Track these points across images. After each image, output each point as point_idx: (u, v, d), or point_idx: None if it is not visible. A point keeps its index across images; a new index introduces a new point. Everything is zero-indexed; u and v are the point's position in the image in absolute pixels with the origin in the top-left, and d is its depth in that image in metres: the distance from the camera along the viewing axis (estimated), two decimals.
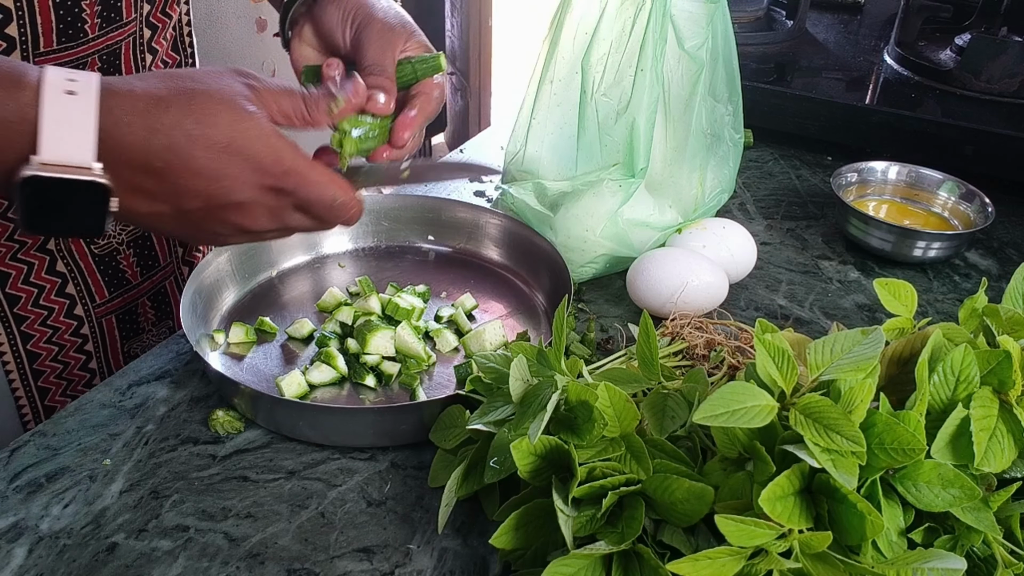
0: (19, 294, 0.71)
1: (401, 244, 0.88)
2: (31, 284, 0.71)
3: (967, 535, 0.46)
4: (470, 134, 2.93)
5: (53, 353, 0.76)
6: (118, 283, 0.79)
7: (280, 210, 0.54)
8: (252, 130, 0.51)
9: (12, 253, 0.70)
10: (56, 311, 0.74)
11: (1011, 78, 1.08)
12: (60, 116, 0.47)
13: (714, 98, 0.86)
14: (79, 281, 0.75)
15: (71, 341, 0.77)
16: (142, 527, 0.57)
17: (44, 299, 0.73)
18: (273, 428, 0.65)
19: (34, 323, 0.73)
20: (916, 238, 0.87)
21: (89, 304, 0.77)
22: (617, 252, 0.82)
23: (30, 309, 0.72)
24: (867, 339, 0.47)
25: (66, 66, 0.62)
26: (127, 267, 0.79)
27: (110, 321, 0.79)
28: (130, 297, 0.81)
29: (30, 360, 0.75)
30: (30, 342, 0.74)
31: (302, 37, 0.67)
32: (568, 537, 0.46)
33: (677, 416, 0.53)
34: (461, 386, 0.66)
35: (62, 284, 0.74)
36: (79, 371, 0.79)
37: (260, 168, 0.51)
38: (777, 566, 0.42)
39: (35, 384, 0.76)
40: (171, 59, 0.79)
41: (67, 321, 0.75)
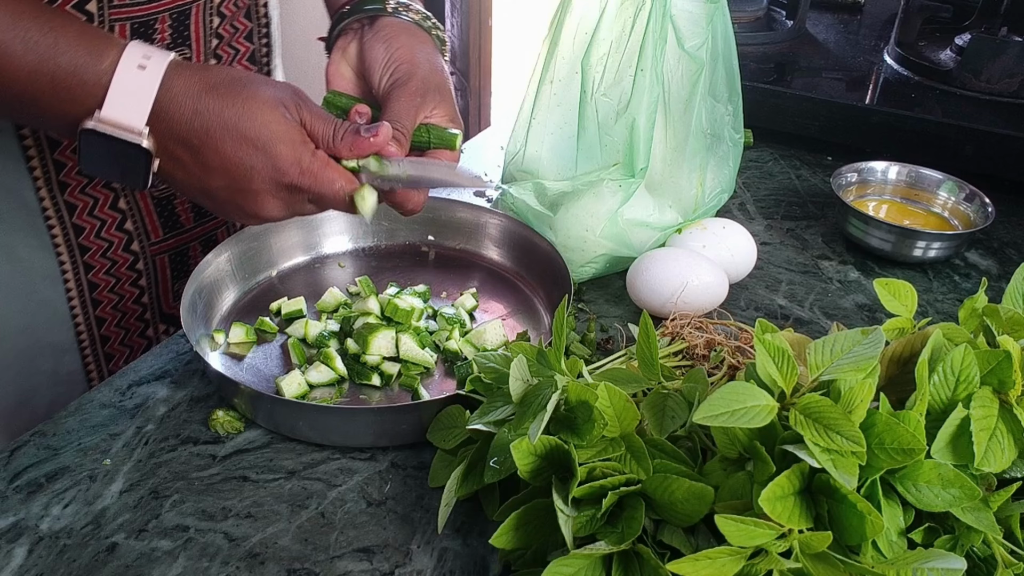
0: (84, 225, 0.76)
1: (401, 244, 0.88)
2: (95, 216, 0.77)
3: (967, 535, 0.46)
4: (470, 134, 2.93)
5: (111, 284, 0.81)
6: (172, 225, 0.83)
7: (294, 203, 0.61)
8: (281, 134, 0.58)
9: (82, 187, 0.75)
10: (115, 244, 0.79)
11: (1011, 78, 1.08)
12: (127, 86, 0.55)
13: (714, 98, 0.86)
14: (137, 219, 0.80)
15: (127, 275, 0.81)
16: (142, 527, 0.57)
17: (105, 232, 0.78)
18: (273, 428, 0.65)
19: (95, 254, 0.78)
20: (916, 238, 0.87)
21: (144, 241, 0.81)
22: (617, 252, 0.82)
23: (92, 240, 0.78)
24: (867, 339, 0.47)
25: (137, 20, 0.70)
26: (182, 212, 0.83)
27: (163, 260, 0.84)
28: (183, 239, 0.84)
29: (91, 289, 0.80)
30: (91, 272, 0.79)
31: (344, 52, 0.72)
32: (568, 537, 0.46)
33: (677, 416, 0.53)
34: (461, 386, 0.66)
35: (121, 220, 0.79)
36: (132, 304, 0.83)
37: (279, 168, 0.58)
38: (777, 566, 0.42)
39: (94, 313, 0.81)
40: (242, 25, 0.81)
41: (124, 255, 0.80)
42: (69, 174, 0.73)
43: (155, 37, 0.72)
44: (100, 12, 0.67)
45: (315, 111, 0.60)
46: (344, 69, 0.71)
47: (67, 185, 0.74)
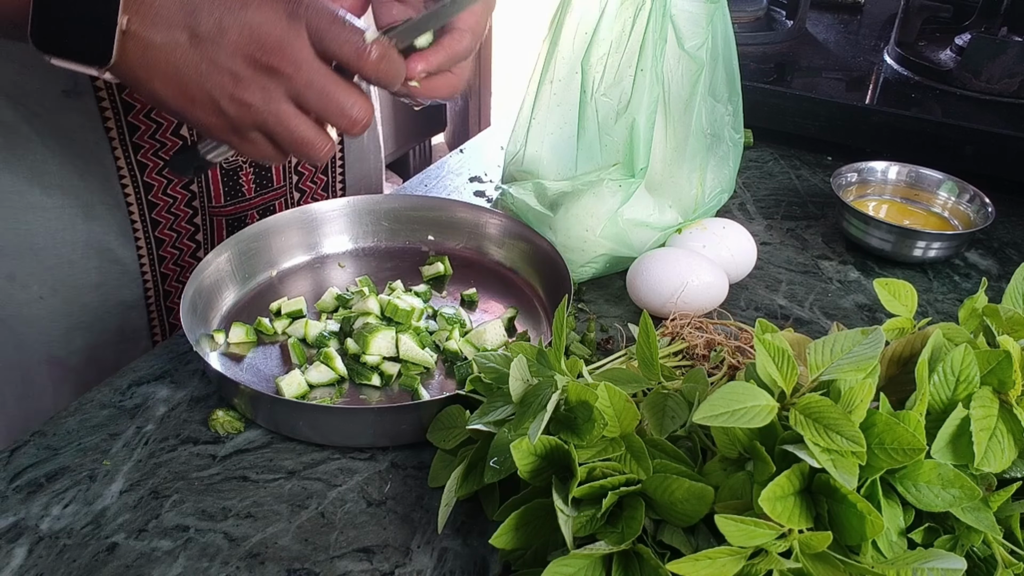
0: (153, 183, 0.79)
1: (401, 244, 0.88)
2: (164, 176, 0.79)
3: (967, 535, 0.46)
4: (470, 134, 2.93)
5: (173, 239, 0.83)
6: (234, 194, 0.85)
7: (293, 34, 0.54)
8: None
9: (154, 150, 0.77)
10: (179, 200, 0.81)
11: (1011, 78, 1.08)
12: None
13: (714, 98, 0.86)
14: (202, 185, 0.82)
15: (186, 228, 0.84)
16: (142, 527, 0.57)
17: (171, 189, 0.80)
18: (273, 428, 0.65)
19: (162, 210, 0.81)
20: (916, 238, 0.87)
21: (206, 203, 0.83)
22: (617, 252, 0.82)
23: (159, 196, 0.80)
24: (867, 339, 0.47)
25: None
26: (245, 182, 0.85)
27: (220, 222, 0.86)
28: (242, 208, 0.86)
29: (157, 246, 0.83)
30: (158, 228, 0.82)
31: None
32: (568, 537, 0.46)
33: (677, 416, 0.53)
34: (461, 386, 0.66)
35: (189, 182, 0.81)
36: (189, 258, 0.86)
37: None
38: (777, 566, 0.42)
39: (159, 269, 0.84)
40: None
41: (185, 210, 0.83)
42: (142, 137, 0.76)
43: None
44: None
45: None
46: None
47: (140, 147, 0.76)
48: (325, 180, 0.93)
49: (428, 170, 1.07)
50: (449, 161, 1.09)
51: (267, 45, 0.53)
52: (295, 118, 0.56)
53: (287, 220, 0.83)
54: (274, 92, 0.55)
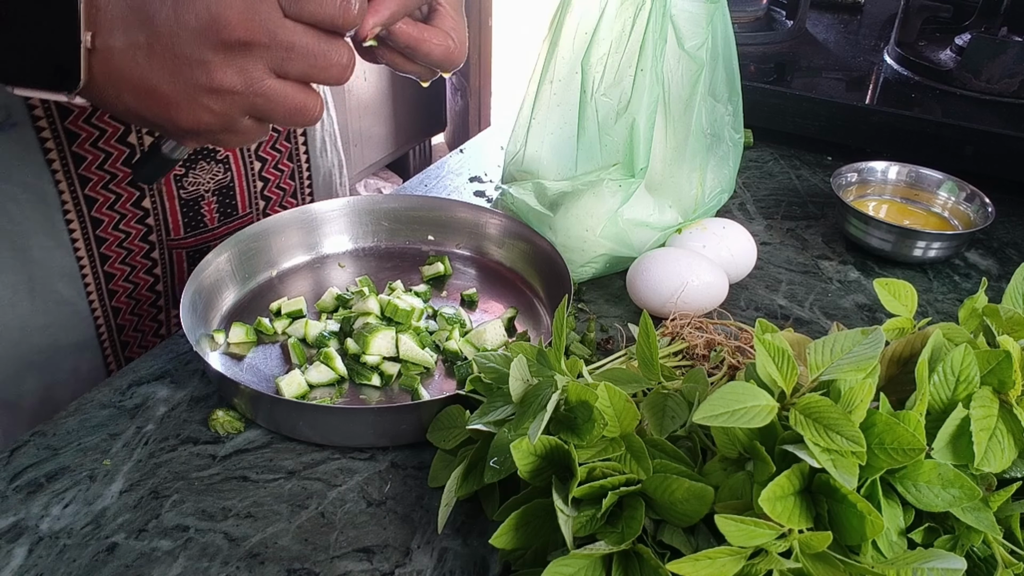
0: (102, 218, 0.75)
1: (401, 244, 0.88)
2: (115, 211, 0.75)
3: (967, 535, 0.46)
4: (470, 134, 2.94)
5: (125, 273, 0.80)
6: (196, 225, 0.82)
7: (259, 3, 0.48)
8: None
9: (104, 182, 0.73)
10: (132, 235, 0.78)
11: (1011, 78, 1.08)
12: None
13: (714, 98, 0.86)
14: (160, 218, 0.79)
15: (141, 263, 0.80)
16: (142, 527, 0.57)
17: (124, 224, 0.77)
18: (273, 428, 0.65)
19: (112, 245, 0.77)
20: (916, 238, 0.87)
21: (163, 237, 0.80)
22: (617, 252, 0.82)
23: (109, 232, 0.76)
24: (867, 339, 0.47)
25: None
26: (207, 212, 0.82)
27: (180, 255, 0.82)
28: (204, 239, 0.83)
29: (107, 281, 0.78)
30: (107, 263, 0.78)
31: None
32: (568, 537, 0.46)
33: (677, 416, 0.53)
34: (461, 386, 0.66)
35: (143, 216, 0.77)
36: (146, 291, 0.82)
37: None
38: (777, 566, 0.42)
39: (110, 305, 0.80)
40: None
41: (140, 245, 0.79)
42: (89, 168, 0.72)
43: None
44: None
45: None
46: None
47: (87, 179, 0.72)
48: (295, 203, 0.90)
49: (428, 170, 1.07)
50: (449, 161, 1.09)
51: (231, 21, 0.48)
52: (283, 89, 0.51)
53: (287, 220, 0.83)
54: (253, 69, 0.50)
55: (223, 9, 0.47)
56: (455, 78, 3.01)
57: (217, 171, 0.80)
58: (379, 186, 3.03)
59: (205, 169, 0.79)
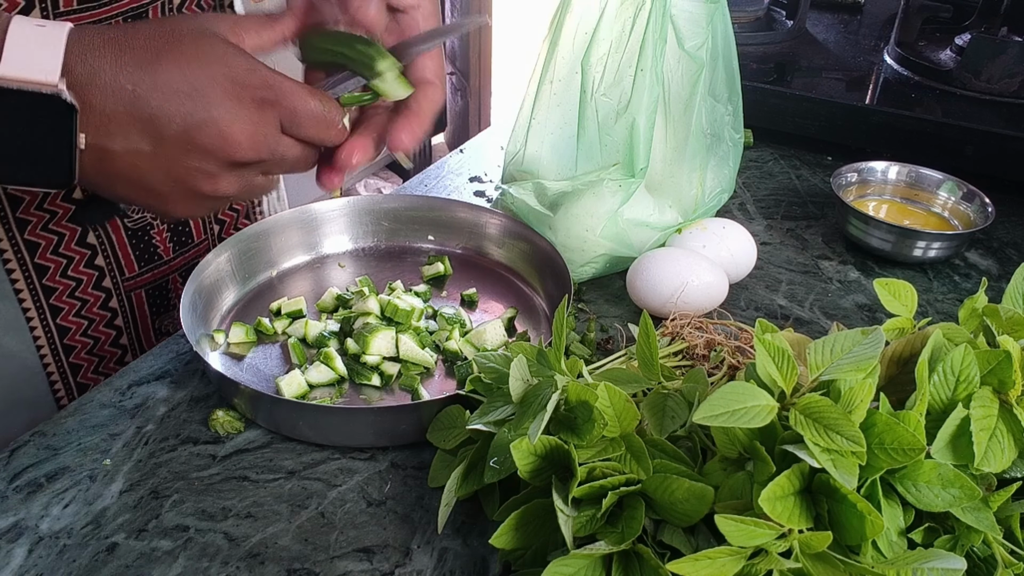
0: (48, 264, 0.70)
1: (401, 244, 0.88)
2: (59, 255, 0.70)
3: (967, 535, 0.46)
4: (470, 134, 2.94)
5: (83, 327, 0.74)
6: (149, 258, 0.77)
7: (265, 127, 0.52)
8: (220, 47, 0.51)
9: (43, 223, 0.68)
10: (84, 282, 0.73)
11: (1011, 78, 1.08)
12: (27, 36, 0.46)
13: (714, 98, 0.86)
14: (109, 253, 0.74)
15: (100, 315, 0.75)
16: (142, 527, 0.57)
17: (72, 270, 0.72)
18: (273, 428, 0.65)
19: (62, 295, 0.72)
20: (916, 238, 0.87)
21: (118, 277, 0.75)
22: (617, 252, 0.82)
23: (58, 280, 0.71)
24: (867, 339, 0.47)
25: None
26: (160, 243, 0.77)
27: (139, 296, 0.78)
28: (161, 272, 0.79)
29: (60, 335, 0.73)
30: (59, 315, 0.73)
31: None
32: (568, 537, 0.46)
33: (677, 416, 0.53)
34: (461, 386, 0.66)
35: (91, 256, 0.72)
36: (110, 347, 0.78)
37: (236, 78, 0.50)
38: (777, 566, 0.42)
39: (67, 360, 0.75)
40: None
41: (95, 293, 0.74)
42: (27, 210, 0.67)
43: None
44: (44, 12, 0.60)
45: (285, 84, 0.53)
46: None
47: (26, 222, 0.67)
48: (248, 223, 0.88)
49: (428, 170, 1.07)
50: (449, 161, 1.09)
51: (241, 143, 0.51)
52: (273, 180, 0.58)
53: (287, 220, 0.83)
54: (251, 176, 0.55)
55: (233, 131, 0.51)
56: (455, 78, 3.01)
57: None
58: (379, 186, 3.03)
59: None
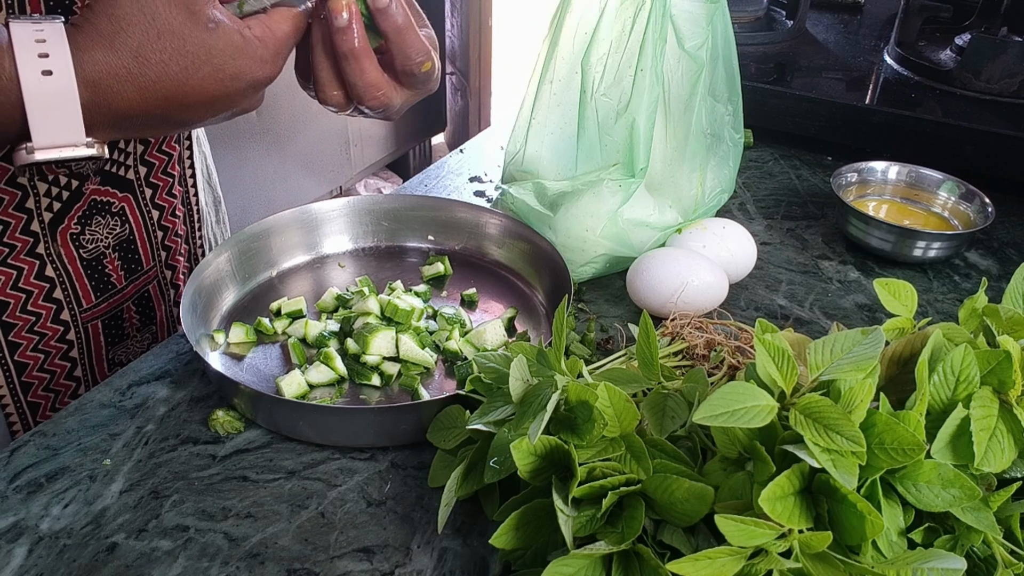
0: (7, 299, 0.70)
1: (401, 244, 0.88)
2: (19, 290, 0.70)
3: (967, 535, 0.46)
4: (470, 134, 2.94)
5: (39, 362, 0.74)
6: (104, 287, 0.77)
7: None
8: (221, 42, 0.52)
9: (1, 258, 0.69)
10: (43, 317, 0.73)
11: (1011, 78, 1.08)
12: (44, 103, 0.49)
13: (714, 98, 0.86)
14: (67, 285, 0.74)
15: (57, 347, 0.75)
16: (142, 527, 0.57)
17: (32, 304, 0.72)
18: (273, 428, 0.65)
19: (21, 330, 0.72)
20: (916, 238, 0.87)
21: (76, 309, 0.75)
22: (617, 252, 0.82)
23: (18, 315, 0.71)
24: (867, 339, 0.47)
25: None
26: (112, 271, 0.77)
27: (96, 327, 0.78)
28: (115, 302, 0.79)
29: (18, 372, 0.73)
30: (17, 351, 0.73)
31: None
32: (568, 537, 0.46)
33: (677, 416, 0.53)
34: (461, 386, 0.66)
35: (50, 289, 0.73)
36: (65, 380, 0.78)
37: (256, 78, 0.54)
38: (777, 566, 0.42)
39: (25, 399, 0.75)
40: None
41: (53, 327, 0.74)
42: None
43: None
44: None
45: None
46: None
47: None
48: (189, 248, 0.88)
49: (428, 170, 1.07)
50: (449, 161, 1.09)
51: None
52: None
53: (287, 220, 0.83)
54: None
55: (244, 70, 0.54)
56: (455, 78, 3.01)
57: (114, 224, 0.76)
58: (379, 186, 3.03)
59: (102, 224, 0.74)
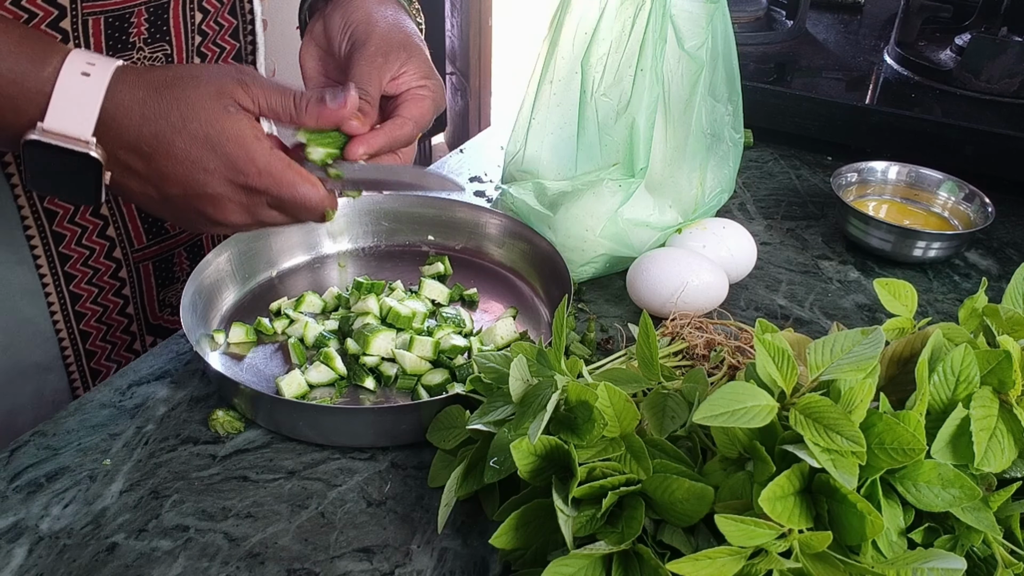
0: (64, 232, 0.73)
1: (401, 244, 0.88)
2: (75, 223, 0.73)
3: (967, 535, 0.46)
4: (470, 134, 2.93)
5: (93, 295, 0.77)
6: (156, 231, 0.79)
7: (253, 207, 0.58)
8: (229, 130, 0.55)
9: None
10: (97, 252, 0.76)
11: (1011, 78, 1.08)
12: (71, 93, 0.53)
13: (714, 98, 0.86)
14: (120, 225, 0.76)
15: (110, 284, 0.78)
16: (142, 527, 0.57)
17: (87, 239, 0.75)
18: (273, 428, 0.65)
19: (76, 263, 0.75)
20: (916, 238, 0.87)
21: (128, 248, 0.78)
22: (617, 252, 0.82)
23: (73, 248, 0.74)
24: (867, 339, 0.47)
25: (112, 14, 0.67)
26: None
27: (147, 267, 0.80)
28: (167, 246, 0.81)
29: (73, 301, 0.76)
30: (72, 282, 0.75)
31: (312, 33, 0.69)
32: (568, 537, 0.46)
33: (677, 416, 0.53)
34: None
35: (103, 226, 0.75)
36: (117, 316, 0.80)
37: (233, 167, 0.56)
38: (777, 566, 0.42)
39: (77, 327, 0.77)
40: (227, 22, 0.77)
41: (106, 262, 0.77)
42: None
43: (131, 31, 0.68)
44: (73, 6, 0.64)
45: (266, 86, 0.57)
46: (312, 50, 0.68)
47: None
48: None
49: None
50: (449, 161, 1.09)
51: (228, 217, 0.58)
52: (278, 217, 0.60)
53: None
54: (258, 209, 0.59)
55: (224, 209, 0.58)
56: (455, 78, 3.01)
57: None
58: None
59: None
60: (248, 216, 0.59)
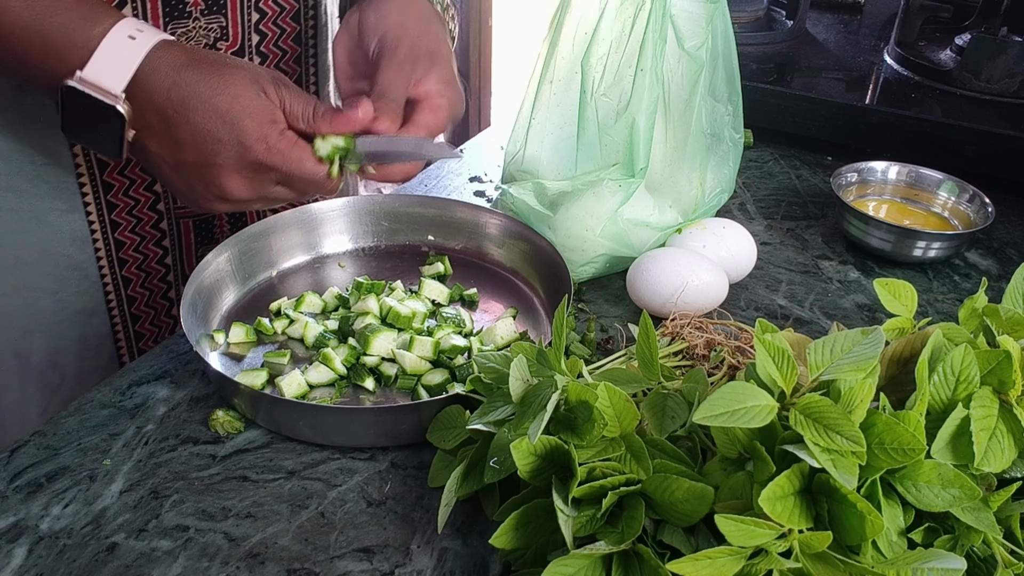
0: (113, 183, 0.77)
1: (401, 244, 0.88)
2: (124, 176, 0.77)
3: (967, 535, 0.46)
4: (470, 134, 2.93)
5: (135, 243, 0.81)
6: None
7: (259, 183, 0.63)
8: (251, 109, 0.59)
9: None
10: (141, 203, 0.80)
11: (1011, 78, 1.08)
12: (113, 52, 0.58)
13: (714, 98, 0.86)
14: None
15: (151, 234, 0.82)
16: (142, 527, 0.57)
17: (133, 190, 0.78)
18: (273, 428, 0.65)
19: (122, 211, 0.79)
20: (916, 238, 0.87)
21: (171, 203, 0.82)
22: (617, 252, 0.82)
23: (120, 197, 0.78)
24: (867, 339, 0.47)
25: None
26: None
27: (187, 224, 0.84)
28: None
29: (117, 249, 0.80)
30: (117, 230, 0.79)
31: (348, 24, 0.71)
32: (568, 537, 0.46)
33: (677, 416, 0.53)
34: None
35: (151, 181, 0.79)
36: (156, 264, 0.84)
37: (244, 143, 0.59)
38: (777, 566, 0.42)
39: (120, 274, 0.82)
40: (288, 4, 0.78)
41: (149, 213, 0.81)
42: None
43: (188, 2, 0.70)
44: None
45: (294, 91, 0.61)
46: (345, 40, 0.71)
47: None
48: None
49: (428, 170, 1.07)
50: (449, 161, 1.09)
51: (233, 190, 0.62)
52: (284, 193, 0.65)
53: (287, 220, 0.83)
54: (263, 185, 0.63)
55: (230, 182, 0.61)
56: None
57: None
58: (379, 186, 3.03)
59: None
60: (252, 192, 0.63)
